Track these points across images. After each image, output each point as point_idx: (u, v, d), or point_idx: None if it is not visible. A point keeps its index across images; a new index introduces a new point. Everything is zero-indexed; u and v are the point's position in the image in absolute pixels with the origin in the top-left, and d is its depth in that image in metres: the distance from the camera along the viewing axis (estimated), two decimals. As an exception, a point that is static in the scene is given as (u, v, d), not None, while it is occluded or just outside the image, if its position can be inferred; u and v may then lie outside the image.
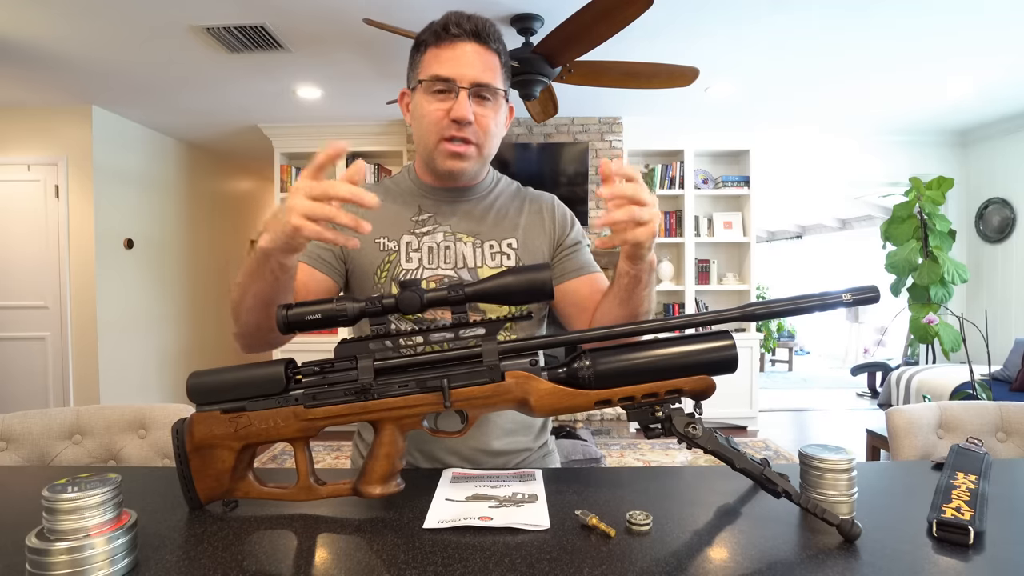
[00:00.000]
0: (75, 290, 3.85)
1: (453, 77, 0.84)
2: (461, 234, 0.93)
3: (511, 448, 0.95)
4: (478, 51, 0.86)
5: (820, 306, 0.63)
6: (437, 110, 0.86)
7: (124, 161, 4.16)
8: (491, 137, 0.90)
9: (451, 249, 0.92)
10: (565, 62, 2.48)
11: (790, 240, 9.33)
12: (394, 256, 0.91)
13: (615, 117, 4.24)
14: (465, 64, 0.85)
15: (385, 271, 0.91)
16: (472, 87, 0.85)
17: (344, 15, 2.57)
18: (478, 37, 0.86)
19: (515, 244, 0.94)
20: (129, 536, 0.55)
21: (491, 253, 0.93)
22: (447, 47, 0.86)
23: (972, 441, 0.83)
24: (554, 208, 0.99)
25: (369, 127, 4.38)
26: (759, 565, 0.56)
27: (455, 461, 0.91)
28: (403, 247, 0.92)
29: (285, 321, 0.66)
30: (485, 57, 0.87)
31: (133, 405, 1.16)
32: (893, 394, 4.16)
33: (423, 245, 0.92)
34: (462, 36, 0.85)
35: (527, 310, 0.74)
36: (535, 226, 0.96)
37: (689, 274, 4.41)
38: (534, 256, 0.95)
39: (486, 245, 0.93)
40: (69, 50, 2.91)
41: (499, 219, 0.96)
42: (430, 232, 0.93)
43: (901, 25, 2.70)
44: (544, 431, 1.02)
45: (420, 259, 0.91)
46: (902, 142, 4.64)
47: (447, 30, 0.85)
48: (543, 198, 1.01)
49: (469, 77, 0.85)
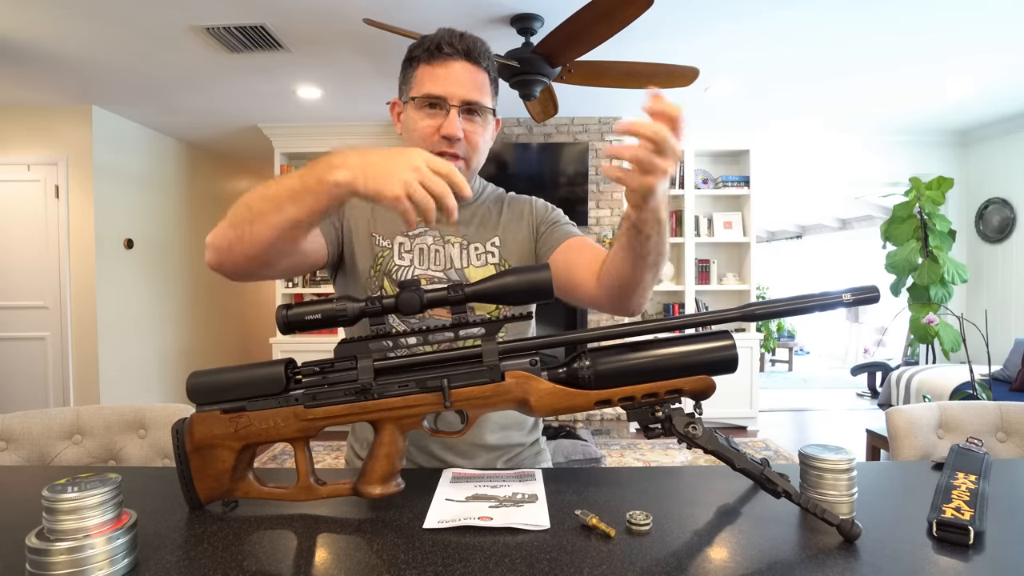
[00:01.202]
0: (75, 290, 3.85)
1: (444, 95, 0.88)
2: (449, 236, 0.97)
3: (505, 443, 0.97)
4: (469, 70, 0.89)
5: (820, 306, 0.63)
6: (428, 126, 0.89)
7: (124, 161, 4.16)
8: (478, 152, 0.94)
9: (440, 252, 0.96)
10: (565, 62, 2.48)
11: (790, 240, 9.33)
12: (387, 253, 0.95)
13: (615, 117, 4.24)
14: (456, 83, 0.88)
15: (379, 265, 0.94)
16: (462, 105, 0.89)
17: (344, 15, 2.57)
18: (469, 56, 0.89)
19: (498, 243, 0.98)
20: (129, 536, 0.55)
21: (476, 254, 0.97)
22: (439, 65, 0.89)
23: (972, 441, 0.83)
24: (532, 202, 1.04)
25: (369, 127, 4.38)
26: (759, 565, 0.56)
27: (450, 456, 0.93)
28: (396, 247, 0.95)
29: (285, 321, 0.66)
30: (475, 76, 0.90)
31: (133, 405, 1.16)
32: (893, 394, 4.16)
33: (415, 247, 0.96)
34: (454, 55, 0.89)
35: (527, 310, 0.74)
36: (515, 221, 1.00)
37: (689, 274, 4.41)
38: (517, 249, 0.98)
39: (471, 247, 0.97)
40: (69, 50, 2.91)
41: (483, 222, 1.00)
42: (420, 235, 0.96)
43: (902, 24, 2.70)
44: (536, 428, 1.05)
45: (412, 259, 0.95)
46: (902, 142, 4.64)
47: (440, 49, 0.89)
48: (523, 198, 1.05)
49: (459, 95, 0.88)
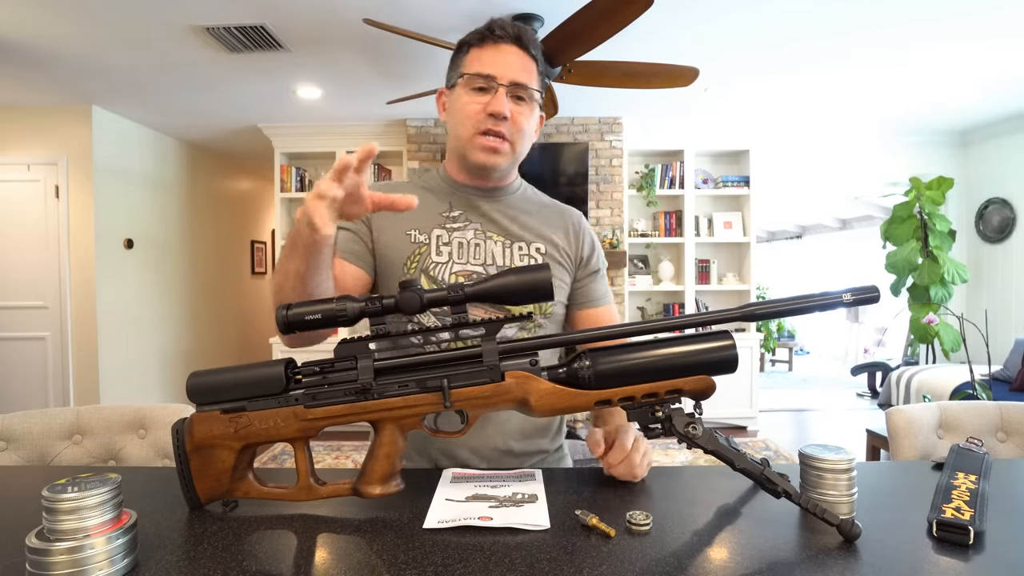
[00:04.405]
0: (75, 290, 3.85)
1: (493, 74, 0.88)
2: (491, 233, 0.95)
3: (530, 449, 0.97)
4: (519, 54, 0.90)
5: (820, 306, 0.63)
6: (475, 105, 0.89)
7: (124, 161, 4.16)
8: (524, 137, 0.93)
9: (481, 246, 0.94)
10: (565, 62, 2.48)
11: (790, 240, 9.33)
12: (424, 249, 0.93)
13: (615, 117, 4.24)
14: (505, 64, 0.89)
15: (415, 263, 0.92)
16: (511, 85, 0.89)
17: (344, 15, 2.57)
18: (519, 42, 0.90)
19: (543, 249, 0.96)
20: (129, 536, 0.55)
21: (520, 254, 0.95)
22: (490, 47, 0.90)
23: (972, 441, 0.83)
24: (580, 229, 1.02)
25: (369, 127, 4.38)
26: (759, 565, 0.56)
27: (475, 461, 0.93)
28: (433, 240, 0.94)
29: (285, 321, 0.66)
30: (525, 61, 0.90)
31: (133, 405, 1.16)
32: (893, 394, 4.16)
33: (453, 240, 0.94)
34: (505, 38, 0.90)
35: (527, 310, 0.74)
36: (561, 240, 0.99)
37: (689, 274, 4.41)
38: (557, 265, 0.97)
39: (515, 246, 0.95)
40: (69, 50, 2.91)
41: (528, 223, 0.98)
42: (460, 228, 0.95)
43: (902, 24, 2.70)
44: (559, 434, 1.04)
45: (450, 253, 0.93)
46: (902, 142, 4.64)
47: (491, 31, 0.90)
48: (571, 214, 1.03)
49: (509, 76, 0.88)
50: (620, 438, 0.77)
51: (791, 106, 3.96)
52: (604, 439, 0.79)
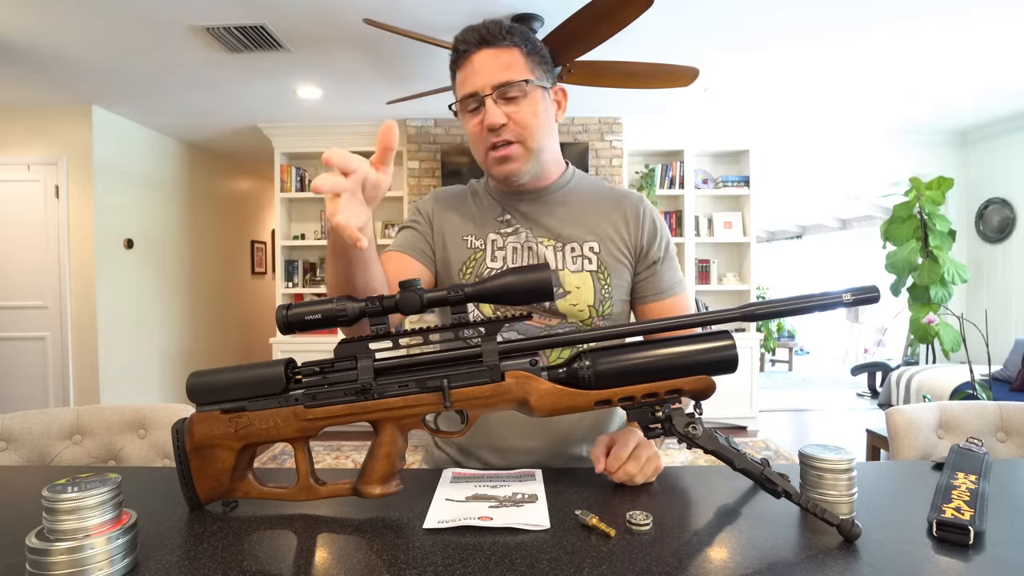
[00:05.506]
0: (75, 290, 3.85)
1: (475, 90, 0.88)
2: (541, 238, 0.95)
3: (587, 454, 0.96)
4: (490, 55, 0.88)
5: (820, 306, 0.63)
6: (475, 125, 0.90)
7: (124, 161, 4.16)
8: (533, 129, 0.89)
9: (534, 250, 0.94)
10: (565, 62, 2.48)
11: (790, 240, 9.33)
12: (480, 254, 0.94)
13: (615, 117, 4.24)
14: (481, 73, 0.88)
15: (471, 267, 0.94)
16: (494, 91, 0.87)
17: (344, 15, 2.57)
18: (486, 42, 0.88)
19: (596, 248, 0.94)
20: (129, 536, 0.55)
21: (572, 256, 0.94)
22: (464, 65, 0.89)
23: (972, 441, 0.83)
24: (640, 214, 0.96)
25: (369, 127, 4.37)
26: (759, 565, 0.56)
27: (530, 461, 0.92)
28: (489, 245, 0.95)
29: (285, 321, 0.66)
30: (499, 57, 0.88)
31: (133, 405, 1.16)
32: (893, 394, 4.16)
33: (507, 244, 0.95)
34: (470, 49, 0.88)
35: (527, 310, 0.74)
36: (618, 232, 0.95)
37: (689, 274, 4.41)
38: (615, 262, 0.94)
39: (567, 248, 0.94)
40: (69, 50, 2.91)
41: (578, 221, 0.96)
42: (514, 232, 0.95)
43: (902, 24, 2.70)
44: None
45: (504, 257, 0.94)
46: (902, 142, 4.64)
47: (457, 50, 0.89)
48: (629, 200, 0.98)
49: (488, 83, 0.87)
50: (616, 447, 0.77)
51: (791, 106, 3.96)
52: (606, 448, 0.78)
